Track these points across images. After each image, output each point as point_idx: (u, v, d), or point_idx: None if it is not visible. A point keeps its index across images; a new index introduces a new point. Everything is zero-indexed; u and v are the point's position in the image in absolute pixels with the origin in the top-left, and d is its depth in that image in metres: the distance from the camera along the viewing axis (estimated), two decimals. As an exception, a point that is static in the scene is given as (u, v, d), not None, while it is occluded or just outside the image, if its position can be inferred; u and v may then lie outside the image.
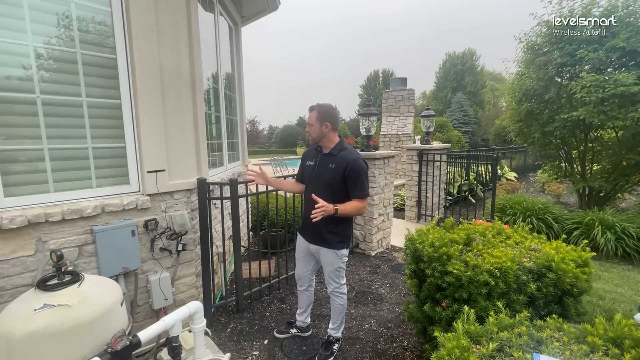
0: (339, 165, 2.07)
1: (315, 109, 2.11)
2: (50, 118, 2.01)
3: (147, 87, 2.26)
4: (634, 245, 4.28)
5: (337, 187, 2.08)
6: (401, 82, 10.69)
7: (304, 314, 2.59)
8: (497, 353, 1.18)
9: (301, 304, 2.57)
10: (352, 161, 2.06)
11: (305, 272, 2.43)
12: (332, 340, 2.41)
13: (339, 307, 2.35)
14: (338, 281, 2.29)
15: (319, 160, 2.17)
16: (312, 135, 2.13)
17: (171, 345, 1.64)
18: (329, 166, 2.10)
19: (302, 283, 2.49)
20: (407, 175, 6.13)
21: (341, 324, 2.42)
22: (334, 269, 2.26)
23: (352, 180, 2.06)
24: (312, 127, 2.11)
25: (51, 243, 1.96)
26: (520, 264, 1.77)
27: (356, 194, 2.08)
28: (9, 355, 1.34)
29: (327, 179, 2.09)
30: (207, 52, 3.12)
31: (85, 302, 1.47)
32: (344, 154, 2.10)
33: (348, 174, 2.05)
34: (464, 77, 27.53)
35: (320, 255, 2.27)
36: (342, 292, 2.33)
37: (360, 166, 2.07)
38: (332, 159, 2.11)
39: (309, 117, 2.13)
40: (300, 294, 2.55)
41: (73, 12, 2.04)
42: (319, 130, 2.10)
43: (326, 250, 2.21)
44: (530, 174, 12.31)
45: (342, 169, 2.05)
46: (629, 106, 4.28)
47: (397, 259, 4.27)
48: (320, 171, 2.14)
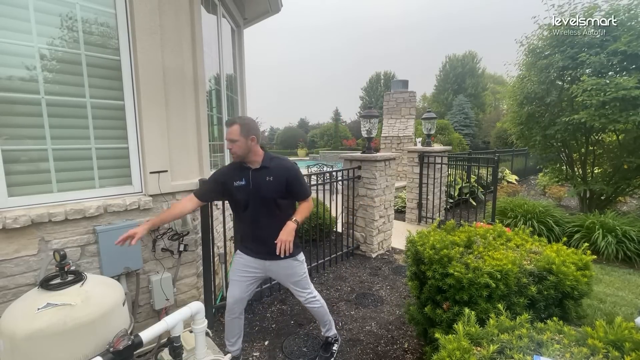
0: (277, 176, 1.97)
1: (236, 123, 1.90)
2: (54, 119, 2.02)
3: (150, 89, 2.28)
4: (634, 249, 4.27)
5: (280, 197, 1.99)
6: (402, 84, 10.70)
7: (237, 341, 2.24)
8: (498, 355, 1.19)
9: (233, 333, 2.20)
10: (290, 168, 2.01)
11: (246, 294, 2.13)
12: (331, 341, 2.40)
13: (320, 311, 2.27)
14: (308, 287, 2.19)
15: (251, 177, 1.97)
16: (237, 152, 1.92)
17: (172, 345, 1.65)
18: (267, 179, 1.96)
19: (237, 308, 2.13)
20: (408, 177, 6.14)
21: (330, 322, 2.37)
22: (300, 277, 2.14)
23: (296, 184, 2.01)
24: (237, 143, 1.89)
25: (54, 243, 1.97)
26: (521, 267, 1.77)
27: (303, 196, 2.06)
28: (12, 353, 1.35)
29: (268, 192, 1.96)
30: (209, 54, 3.14)
31: (88, 301, 1.48)
32: (277, 163, 2.00)
33: (291, 180, 1.99)
34: (465, 80, 27.53)
35: (277, 269, 2.10)
36: (315, 297, 2.23)
37: (297, 170, 2.05)
38: (267, 172, 1.97)
39: (231, 133, 1.89)
40: (232, 322, 2.16)
41: (78, 14, 2.06)
42: (245, 146, 1.90)
43: (286, 260, 2.06)
44: (531, 177, 12.29)
45: (283, 178, 1.97)
46: (630, 109, 4.28)
47: (397, 260, 4.27)
48: (258, 188, 1.96)
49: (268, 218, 1.99)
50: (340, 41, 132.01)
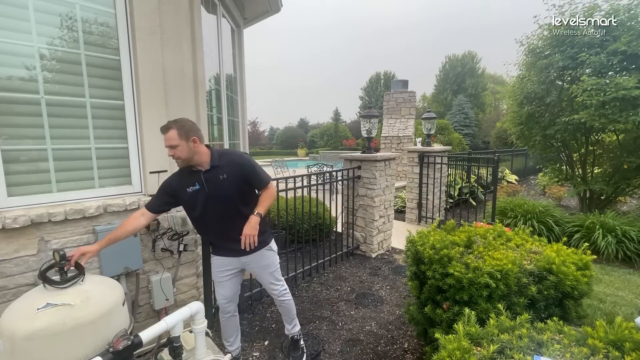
0: (231, 172, 1.89)
1: (172, 128, 1.76)
2: (54, 118, 2.02)
3: (150, 88, 2.27)
4: (634, 249, 4.27)
5: (239, 192, 1.92)
6: (402, 84, 10.70)
7: (236, 340, 2.24)
8: (498, 355, 1.19)
9: (230, 332, 2.20)
10: (242, 163, 1.93)
11: (235, 291, 2.14)
12: (297, 338, 2.37)
13: (290, 305, 2.25)
14: (280, 278, 2.19)
15: (204, 180, 1.87)
16: (181, 156, 1.79)
17: (172, 345, 1.65)
18: (221, 178, 1.87)
19: (230, 307, 2.14)
20: (408, 177, 6.14)
21: (296, 317, 2.35)
22: (276, 268, 2.15)
23: (253, 176, 1.94)
24: (179, 148, 1.77)
25: (54, 243, 1.97)
26: (521, 267, 1.77)
27: (262, 185, 1.97)
28: (12, 353, 1.35)
29: (226, 191, 1.88)
30: (209, 53, 3.13)
31: (88, 301, 1.48)
32: (228, 160, 1.92)
33: (247, 173, 1.92)
34: (465, 80, 27.54)
35: (254, 262, 2.08)
36: (287, 289, 2.23)
37: (250, 160, 1.97)
38: (219, 170, 1.88)
39: (169, 139, 1.76)
40: (227, 321, 2.17)
41: (77, 14, 2.06)
42: (187, 149, 1.79)
43: (260, 252, 2.05)
44: (531, 177, 12.29)
45: (238, 174, 1.90)
46: (630, 109, 4.28)
47: (397, 260, 4.27)
48: (213, 189, 1.87)
49: (232, 215, 1.93)
50: (340, 41, 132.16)
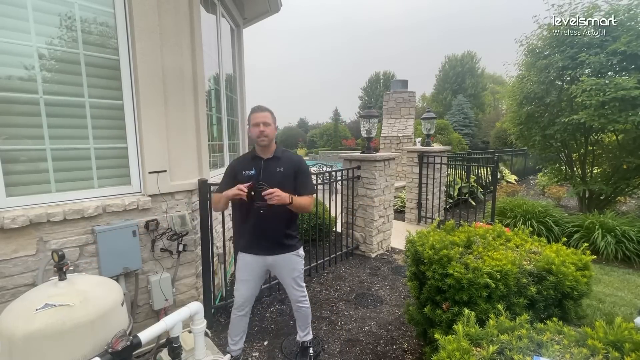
0: (288, 167, 2.03)
1: (267, 110, 2.00)
2: (52, 118, 2.02)
3: (149, 88, 2.27)
4: (634, 249, 4.28)
5: (288, 189, 1.96)
6: (402, 84, 10.70)
7: (240, 340, 2.25)
8: (498, 356, 1.19)
9: (237, 331, 2.21)
10: (300, 161, 2.10)
11: (254, 292, 2.18)
12: (308, 345, 2.37)
13: (307, 312, 2.28)
14: (302, 284, 2.21)
15: (262, 167, 2.00)
16: (269, 135, 1.97)
17: (171, 345, 1.65)
18: (277, 170, 2.01)
19: (245, 306, 2.17)
20: (407, 177, 6.14)
21: (310, 325, 2.37)
22: (299, 273, 2.17)
23: (303, 178, 2.06)
24: (270, 127, 1.98)
25: (52, 243, 1.97)
26: (520, 267, 1.77)
27: (306, 190, 2.05)
28: (10, 354, 1.34)
29: (277, 182, 1.93)
30: (209, 53, 3.13)
31: (86, 302, 1.47)
32: (289, 155, 2.09)
33: (300, 172, 2.05)
34: (464, 80, 27.54)
35: (278, 265, 2.11)
36: (307, 296, 2.26)
37: (307, 165, 2.14)
38: (278, 162, 2.03)
39: (265, 117, 1.96)
40: (239, 320, 2.18)
41: (76, 14, 2.05)
42: (274, 132, 2.01)
43: (287, 255, 2.09)
44: (531, 177, 12.29)
45: (292, 170, 2.03)
46: (629, 110, 4.29)
47: (397, 261, 4.27)
48: (267, 177, 1.96)
49: (274, 209, 1.95)
50: (340, 41, 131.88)
